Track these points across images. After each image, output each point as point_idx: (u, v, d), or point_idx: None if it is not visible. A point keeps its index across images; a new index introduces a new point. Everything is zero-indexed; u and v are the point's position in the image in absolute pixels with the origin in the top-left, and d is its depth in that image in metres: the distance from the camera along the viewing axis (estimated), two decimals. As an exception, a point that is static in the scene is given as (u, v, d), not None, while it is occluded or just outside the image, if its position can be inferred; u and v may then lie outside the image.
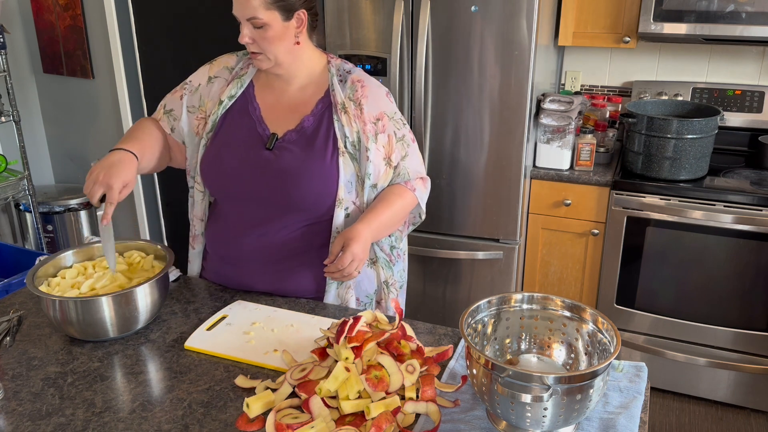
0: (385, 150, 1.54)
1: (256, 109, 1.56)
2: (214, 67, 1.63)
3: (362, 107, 1.52)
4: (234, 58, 1.64)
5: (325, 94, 1.55)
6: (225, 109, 1.58)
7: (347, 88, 1.54)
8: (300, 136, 1.52)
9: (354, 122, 1.51)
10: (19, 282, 2.29)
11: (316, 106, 1.54)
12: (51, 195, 3.56)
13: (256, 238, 1.55)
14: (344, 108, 1.51)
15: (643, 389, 1.21)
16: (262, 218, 1.54)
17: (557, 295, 1.22)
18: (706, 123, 2.45)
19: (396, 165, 1.57)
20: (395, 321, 1.25)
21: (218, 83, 1.60)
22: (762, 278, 2.44)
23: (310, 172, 1.49)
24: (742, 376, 2.58)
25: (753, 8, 2.36)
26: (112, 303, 1.32)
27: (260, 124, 1.55)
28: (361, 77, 1.56)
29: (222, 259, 1.62)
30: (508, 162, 2.53)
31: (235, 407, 1.17)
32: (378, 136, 1.53)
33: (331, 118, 1.52)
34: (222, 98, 1.57)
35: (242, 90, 1.58)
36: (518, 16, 2.35)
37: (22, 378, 1.26)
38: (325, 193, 1.50)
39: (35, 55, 3.59)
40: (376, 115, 1.54)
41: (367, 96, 1.53)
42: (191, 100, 1.62)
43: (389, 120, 1.56)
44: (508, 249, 2.65)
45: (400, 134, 1.58)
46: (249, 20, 1.43)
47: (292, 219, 1.53)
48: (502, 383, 1.01)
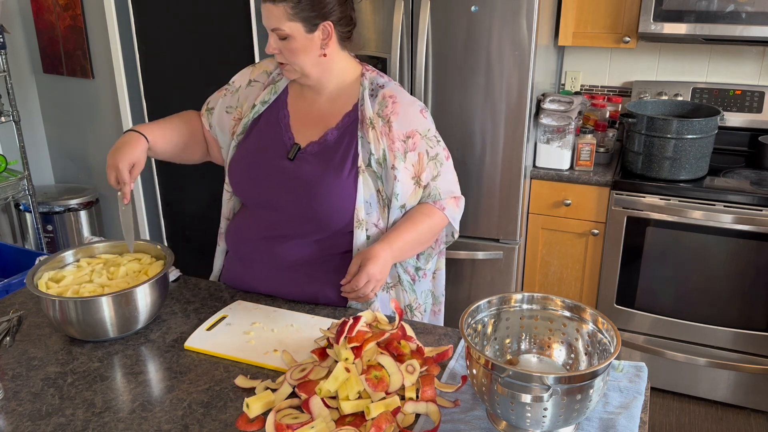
0: (414, 169, 1.50)
1: (285, 117, 1.56)
2: (256, 71, 1.63)
3: (391, 124, 1.48)
4: (274, 63, 1.62)
5: (353, 108, 1.51)
6: (257, 114, 1.58)
7: (377, 103, 1.49)
8: (321, 148, 1.50)
9: (381, 139, 1.47)
10: (19, 282, 2.29)
11: (342, 119, 1.51)
12: (51, 195, 3.56)
13: (269, 245, 1.54)
14: (372, 124, 1.48)
15: (643, 389, 1.21)
16: (276, 225, 1.52)
17: (557, 295, 1.22)
18: (706, 123, 2.45)
19: (426, 184, 1.52)
20: (395, 321, 1.25)
21: (256, 87, 1.61)
22: (762, 278, 2.44)
23: (326, 186, 1.47)
24: (742, 376, 2.58)
25: (753, 8, 2.36)
26: (112, 303, 1.32)
27: (286, 133, 1.54)
28: (393, 93, 1.51)
29: (239, 260, 1.61)
30: (508, 162, 2.52)
31: (235, 407, 1.17)
32: (408, 154, 1.49)
33: (355, 134, 1.49)
34: (256, 102, 1.58)
35: (275, 96, 1.58)
36: (518, 16, 2.35)
37: (22, 378, 1.26)
38: (342, 209, 1.47)
39: (35, 55, 3.59)
40: (406, 133, 1.49)
41: (397, 113, 1.48)
42: (230, 101, 1.64)
43: (421, 138, 1.50)
44: (508, 249, 2.65)
45: (433, 153, 1.52)
46: (273, 30, 1.42)
47: (309, 230, 1.51)
48: (502, 383, 1.01)
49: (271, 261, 1.54)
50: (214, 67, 3.14)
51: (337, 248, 1.53)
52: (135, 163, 1.46)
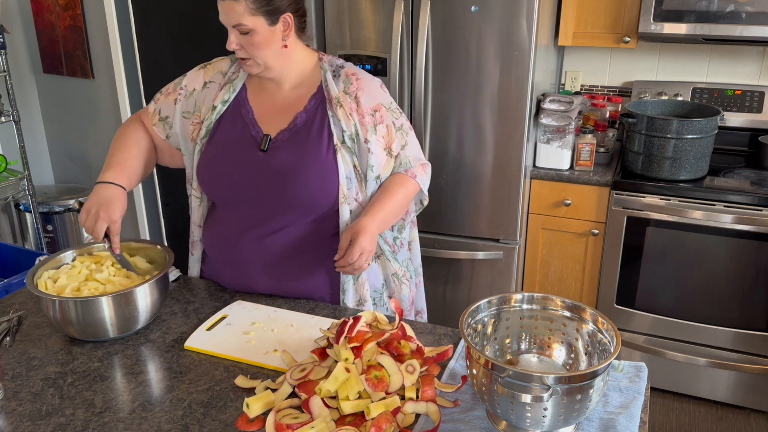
0: (385, 140, 1.55)
1: (249, 112, 1.56)
2: (209, 72, 1.62)
3: (359, 100, 1.53)
4: (227, 62, 1.63)
5: (318, 90, 1.55)
6: (219, 114, 1.58)
7: (341, 82, 1.55)
8: (293, 134, 1.52)
9: (351, 115, 1.51)
10: (19, 282, 2.29)
11: (309, 102, 1.54)
12: (51, 195, 3.56)
13: (258, 240, 1.54)
14: (339, 102, 1.52)
15: (643, 389, 1.21)
16: (261, 219, 1.53)
17: (557, 295, 1.21)
18: (706, 123, 2.45)
19: (397, 154, 1.58)
20: (395, 321, 1.25)
21: (213, 88, 1.60)
22: (762, 278, 2.44)
23: (306, 169, 1.49)
24: (742, 376, 2.58)
25: (753, 8, 2.36)
26: (112, 303, 1.32)
27: (254, 127, 1.55)
28: (354, 71, 1.57)
29: (226, 263, 1.61)
30: (508, 162, 2.53)
31: (235, 407, 1.17)
32: (377, 127, 1.54)
33: (325, 113, 1.52)
34: (215, 104, 1.57)
35: (235, 94, 1.58)
36: (518, 16, 2.35)
37: (22, 378, 1.26)
38: (326, 189, 1.50)
39: (35, 55, 3.59)
40: (373, 107, 1.55)
41: (362, 88, 1.54)
42: (186, 105, 1.62)
43: (386, 110, 1.57)
44: (508, 249, 2.65)
45: (399, 123, 1.59)
46: (235, 27, 1.43)
47: (293, 218, 1.52)
48: (502, 383, 1.01)
49: (261, 257, 1.55)
50: (214, 67, 3.13)
51: (325, 231, 1.54)
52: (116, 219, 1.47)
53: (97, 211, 1.44)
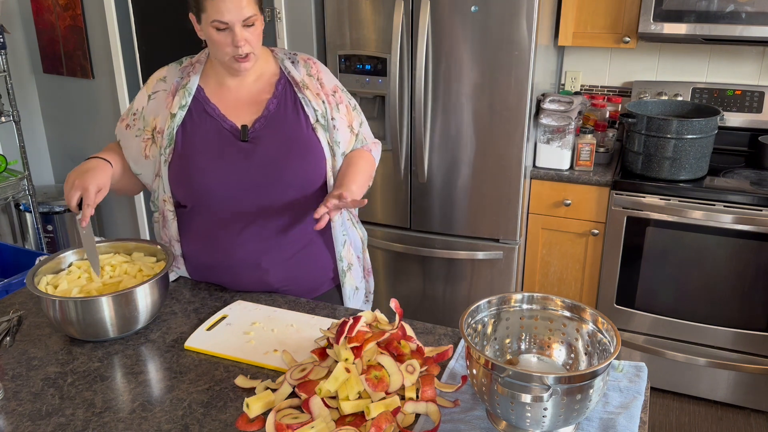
0: (347, 119, 1.63)
1: (215, 108, 1.55)
2: (149, 85, 1.59)
3: (322, 81, 1.60)
4: (164, 69, 1.61)
5: (281, 76, 1.58)
6: (180, 120, 1.53)
7: (301, 66, 1.60)
8: (268, 120, 1.54)
9: (317, 96, 1.57)
10: (19, 282, 2.29)
11: (276, 88, 1.56)
12: (51, 195, 3.56)
13: (256, 230, 1.54)
14: (305, 85, 1.57)
15: (643, 389, 1.21)
16: (256, 208, 1.53)
17: (557, 295, 1.22)
18: (706, 123, 2.45)
19: (357, 132, 1.67)
20: (395, 321, 1.25)
21: (159, 97, 1.56)
22: (762, 278, 2.44)
23: (291, 151, 1.53)
24: (742, 376, 2.58)
25: (753, 8, 2.36)
26: (112, 303, 1.32)
27: (224, 121, 1.54)
28: (309, 56, 1.64)
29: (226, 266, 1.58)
30: (508, 162, 2.53)
31: (235, 407, 1.17)
32: (339, 106, 1.61)
33: (296, 96, 1.56)
34: (173, 111, 1.53)
35: (191, 97, 1.55)
36: (518, 16, 2.35)
37: (22, 378, 1.26)
38: (314, 166, 1.56)
39: (35, 55, 3.59)
40: (332, 88, 1.62)
41: (321, 71, 1.62)
42: (138, 125, 1.58)
43: (341, 92, 1.66)
44: (508, 249, 2.65)
45: (353, 104, 1.68)
46: (245, 20, 1.42)
47: (286, 201, 1.54)
48: (502, 383, 1.01)
49: (263, 247, 1.55)
50: (214, 67, 3.13)
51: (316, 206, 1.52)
52: (101, 187, 1.45)
53: (73, 180, 1.42)
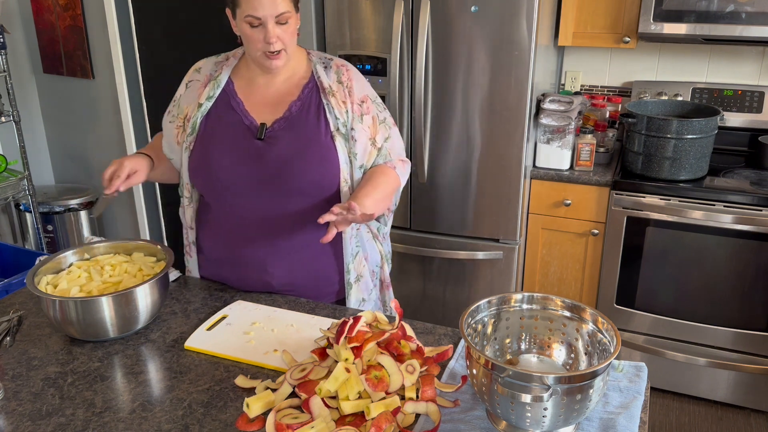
0: (370, 131, 1.58)
1: (240, 103, 1.56)
2: (188, 75, 1.65)
3: (351, 89, 1.56)
4: (203, 61, 1.65)
5: (310, 80, 1.57)
6: (206, 111, 1.57)
7: (332, 72, 1.57)
8: (289, 121, 1.53)
9: (342, 104, 1.54)
10: (19, 282, 2.29)
11: (302, 91, 1.55)
12: (51, 195, 3.55)
13: (262, 232, 1.55)
14: (332, 91, 1.55)
15: (643, 389, 1.21)
16: (263, 210, 1.54)
17: (557, 295, 1.22)
18: (706, 123, 2.45)
19: (380, 147, 1.61)
20: (395, 321, 1.25)
21: (194, 87, 1.61)
22: (762, 278, 2.44)
23: (306, 155, 1.50)
24: (742, 376, 2.58)
25: (753, 8, 2.36)
26: (112, 303, 1.32)
27: (246, 117, 1.54)
28: (343, 62, 1.61)
29: (232, 261, 1.60)
30: (508, 162, 2.53)
31: (235, 407, 1.17)
32: (363, 117, 1.57)
33: (320, 100, 1.54)
34: (201, 101, 1.57)
35: (220, 89, 1.58)
36: (518, 16, 2.35)
37: (22, 378, 1.26)
38: (326, 174, 1.52)
39: (35, 55, 3.59)
40: (360, 98, 1.58)
41: (353, 79, 1.58)
42: (174, 112, 1.64)
43: (372, 103, 1.60)
44: (508, 249, 2.65)
45: (382, 117, 1.62)
46: (278, 16, 1.42)
47: (295, 205, 1.53)
48: (502, 383, 1.01)
49: (268, 248, 1.55)
50: (214, 67, 3.13)
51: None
52: (138, 170, 1.54)
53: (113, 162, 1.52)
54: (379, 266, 1.73)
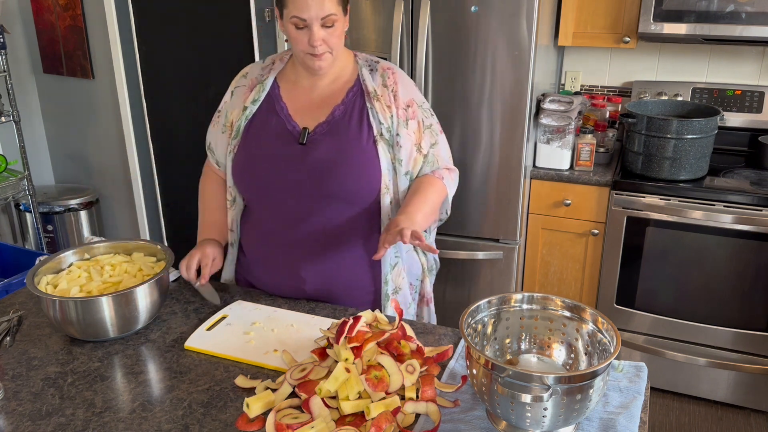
0: (415, 136, 1.54)
1: (284, 108, 1.55)
2: (234, 82, 1.63)
3: (396, 93, 1.53)
4: (249, 66, 1.63)
5: (355, 83, 1.54)
6: (251, 114, 1.56)
7: (378, 75, 1.54)
8: (331, 126, 1.51)
9: (387, 108, 1.51)
10: (19, 282, 2.29)
11: (347, 95, 1.53)
12: (51, 195, 3.56)
13: (299, 237, 1.53)
14: (377, 95, 1.51)
15: (643, 389, 1.21)
16: (302, 215, 1.52)
17: (557, 295, 1.22)
18: (706, 123, 2.45)
19: (426, 153, 1.56)
20: (395, 321, 1.25)
21: (238, 92, 1.60)
22: (762, 278, 2.44)
23: (346, 161, 1.48)
24: (742, 376, 2.58)
25: (753, 8, 2.36)
26: (112, 303, 1.32)
27: (289, 122, 1.53)
28: (390, 65, 1.58)
29: (268, 263, 1.60)
30: (508, 162, 2.53)
31: (235, 407, 1.17)
32: (409, 122, 1.53)
33: (364, 105, 1.51)
34: (245, 104, 1.56)
35: (265, 93, 1.56)
36: (518, 16, 2.35)
37: (22, 378, 1.26)
38: (367, 180, 1.50)
39: (35, 55, 3.59)
40: (406, 102, 1.54)
41: (398, 83, 1.54)
42: (223, 122, 1.62)
43: (418, 107, 1.56)
44: (508, 249, 2.65)
45: (428, 122, 1.58)
46: (324, 18, 1.39)
47: (335, 211, 1.51)
48: (502, 383, 1.01)
49: (304, 254, 1.54)
50: (214, 67, 3.14)
51: (366, 223, 1.54)
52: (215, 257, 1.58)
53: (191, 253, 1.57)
54: (420, 279, 1.67)
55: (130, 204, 3.61)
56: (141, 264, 1.51)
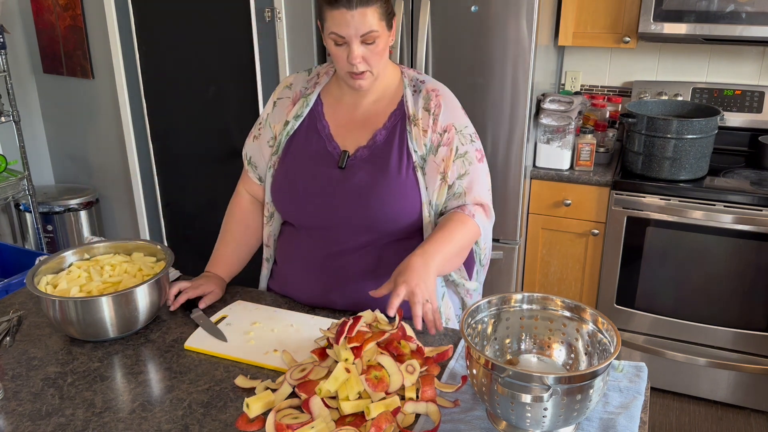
0: (443, 164, 1.44)
1: (326, 127, 1.49)
2: (276, 92, 1.57)
3: (437, 117, 1.44)
4: (293, 76, 1.57)
5: (398, 106, 1.46)
6: (292, 130, 1.50)
7: (422, 98, 1.46)
8: (371, 152, 1.45)
9: (423, 133, 1.43)
10: (19, 282, 2.29)
11: (389, 119, 1.46)
12: (51, 195, 3.56)
13: (334, 261, 1.49)
14: (416, 119, 1.44)
15: (643, 389, 1.21)
16: (338, 238, 1.48)
17: (557, 295, 1.21)
18: (706, 123, 2.45)
19: (451, 183, 1.45)
20: (395, 321, 1.25)
21: (281, 104, 1.54)
22: (762, 278, 2.44)
23: (383, 191, 1.42)
24: (742, 376, 2.58)
25: (753, 8, 2.36)
26: (112, 303, 1.32)
27: (330, 142, 1.47)
28: (436, 87, 1.48)
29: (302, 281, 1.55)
30: (508, 162, 2.53)
31: (235, 407, 1.17)
32: (440, 148, 1.44)
33: (405, 130, 1.44)
34: (288, 119, 1.50)
35: (309, 109, 1.50)
36: (518, 16, 2.35)
37: (22, 378, 1.26)
38: (406, 210, 1.43)
39: (35, 55, 3.59)
40: (444, 126, 1.44)
41: (441, 105, 1.45)
42: (266, 136, 1.56)
43: (456, 133, 1.45)
44: (508, 249, 2.65)
45: (463, 150, 1.45)
46: (364, 35, 1.32)
47: (372, 238, 1.46)
48: (502, 383, 1.01)
49: (338, 278, 1.49)
50: (214, 67, 3.14)
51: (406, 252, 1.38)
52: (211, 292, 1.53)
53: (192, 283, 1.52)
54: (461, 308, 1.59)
55: (130, 204, 3.61)
56: (141, 264, 1.51)
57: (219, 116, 3.17)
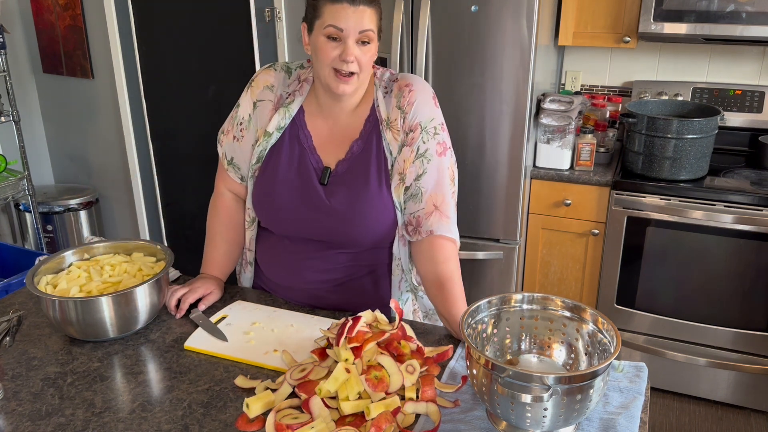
0: (404, 164, 1.41)
1: (308, 138, 1.46)
2: (255, 90, 1.49)
3: (407, 115, 1.40)
4: (272, 74, 1.49)
5: (371, 111, 1.44)
6: (275, 141, 1.47)
7: (393, 97, 1.42)
8: (350, 165, 1.43)
9: (396, 135, 1.41)
10: (19, 282, 2.29)
11: (364, 126, 1.43)
12: (51, 195, 3.56)
13: (312, 269, 1.51)
14: (388, 123, 1.41)
15: (644, 389, 1.21)
16: (318, 249, 1.49)
17: (557, 295, 1.21)
18: (706, 123, 2.45)
19: (408, 185, 1.42)
20: (395, 321, 1.25)
21: (263, 107, 1.48)
22: (762, 278, 2.44)
23: (364, 207, 1.42)
24: (742, 376, 2.58)
25: (753, 8, 2.36)
26: (112, 303, 1.32)
27: (313, 155, 1.45)
28: (410, 81, 1.43)
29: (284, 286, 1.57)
30: (508, 162, 2.52)
31: (235, 407, 1.17)
32: (403, 148, 1.41)
33: (380, 138, 1.42)
34: (269, 130, 1.46)
35: (290, 119, 1.47)
36: (518, 16, 2.35)
37: (22, 378, 1.26)
38: (384, 223, 1.45)
39: (35, 55, 3.59)
40: (412, 125, 1.41)
41: (412, 102, 1.40)
42: (250, 137, 1.50)
43: (421, 132, 1.40)
44: (508, 249, 2.65)
45: (424, 149, 1.40)
46: (362, 33, 1.31)
47: (350, 250, 1.49)
48: (502, 383, 1.01)
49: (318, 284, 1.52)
50: (214, 67, 3.14)
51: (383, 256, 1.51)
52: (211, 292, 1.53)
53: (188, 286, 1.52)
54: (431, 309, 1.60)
55: (129, 204, 3.61)
56: (141, 264, 1.51)
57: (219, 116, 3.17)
